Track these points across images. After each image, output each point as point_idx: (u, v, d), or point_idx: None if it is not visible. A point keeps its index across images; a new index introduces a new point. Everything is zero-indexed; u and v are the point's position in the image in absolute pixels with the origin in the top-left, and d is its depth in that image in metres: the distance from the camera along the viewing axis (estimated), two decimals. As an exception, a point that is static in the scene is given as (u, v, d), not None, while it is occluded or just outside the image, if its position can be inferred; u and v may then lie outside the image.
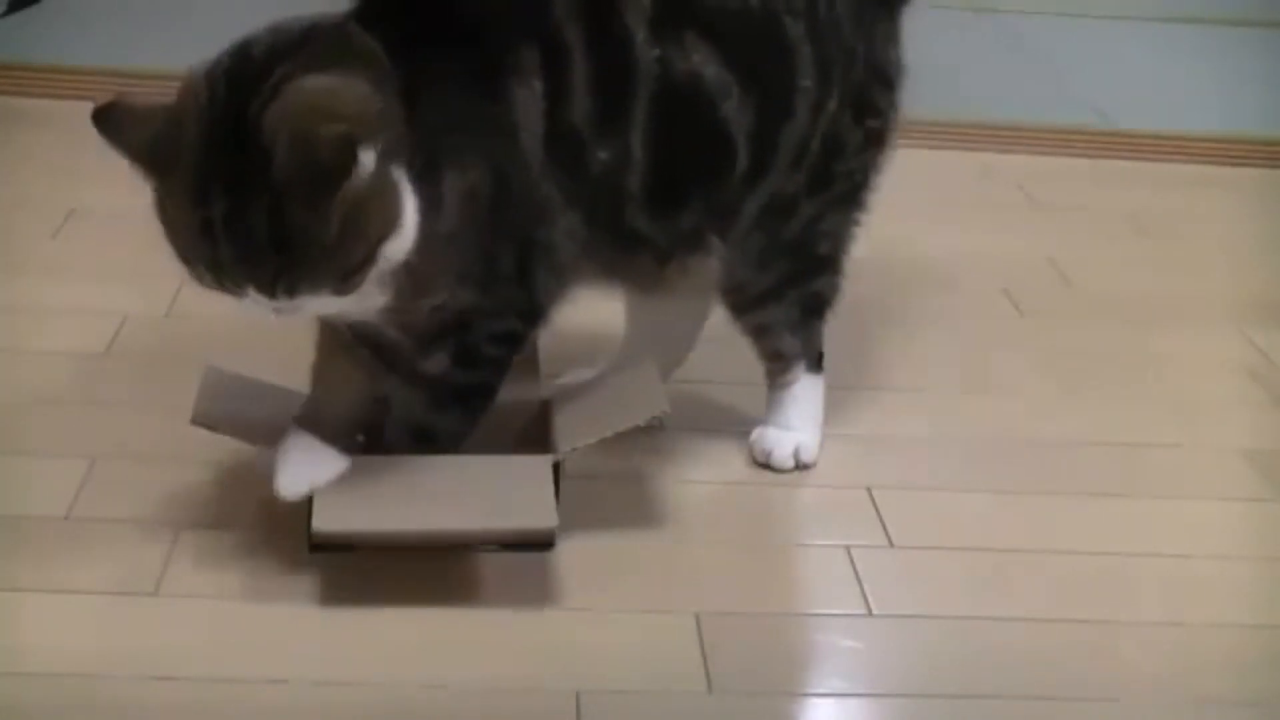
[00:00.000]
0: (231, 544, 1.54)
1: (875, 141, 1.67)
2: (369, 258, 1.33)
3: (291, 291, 1.33)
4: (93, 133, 1.39)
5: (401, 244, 1.35)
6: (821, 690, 1.46)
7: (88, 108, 1.40)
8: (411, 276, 1.39)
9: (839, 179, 1.66)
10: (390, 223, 1.33)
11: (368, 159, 1.29)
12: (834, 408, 1.78)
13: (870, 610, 1.54)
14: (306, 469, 1.48)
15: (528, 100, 1.45)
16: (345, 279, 1.34)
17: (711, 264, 1.63)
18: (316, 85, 1.33)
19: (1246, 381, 2.07)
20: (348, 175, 1.28)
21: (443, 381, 1.52)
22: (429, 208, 1.37)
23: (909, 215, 1.78)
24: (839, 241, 1.71)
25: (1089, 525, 1.71)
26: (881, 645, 1.51)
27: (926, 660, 1.49)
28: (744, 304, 1.70)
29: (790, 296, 1.70)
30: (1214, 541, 1.70)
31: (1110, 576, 1.62)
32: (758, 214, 1.61)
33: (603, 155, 1.49)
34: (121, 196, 1.41)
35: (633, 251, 1.58)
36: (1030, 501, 1.74)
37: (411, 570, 1.51)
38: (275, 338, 1.50)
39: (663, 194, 1.53)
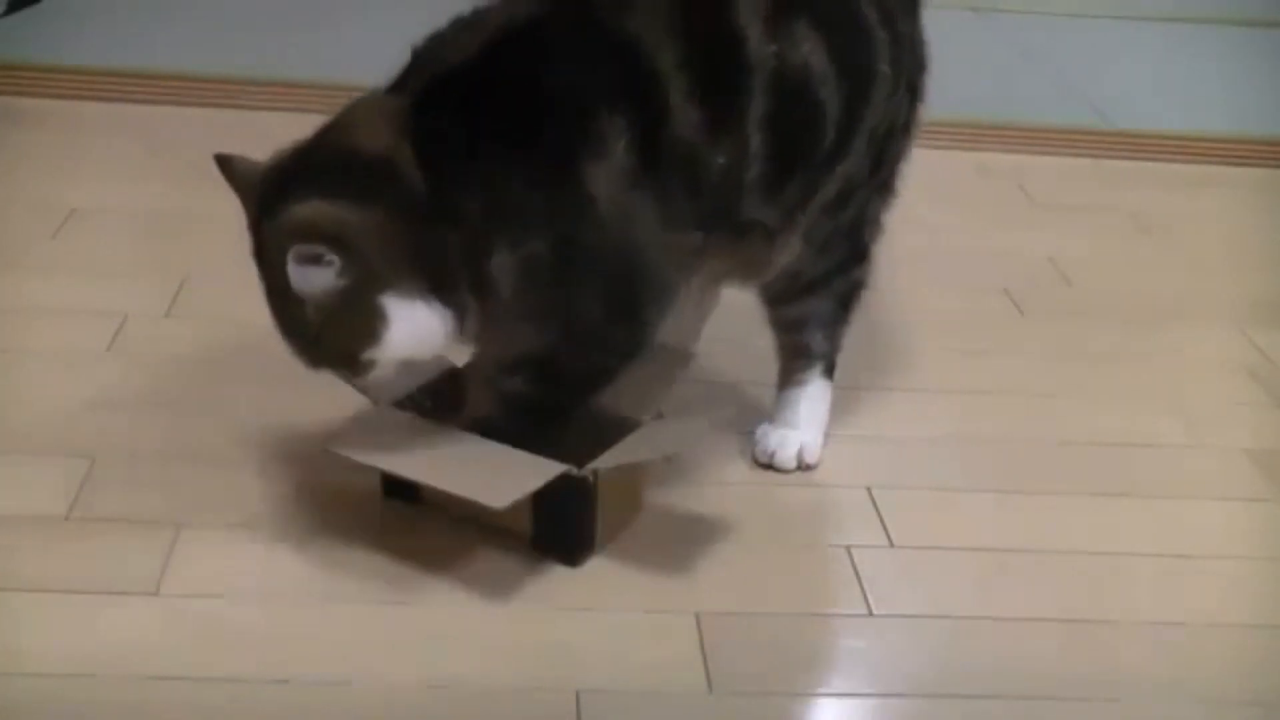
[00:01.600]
0: (231, 544, 1.54)
1: (910, 129, 1.72)
2: (355, 359, 1.45)
3: (315, 367, 1.48)
4: (93, 133, 1.38)
5: (397, 350, 1.45)
6: (821, 690, 1.46)
7: (88, 108, 1.40)
8: (484, 338, 1.52)
9: (886, 164, 1.70)
10: (366, 338, 1.43)
11: (323, 280, 1.39)
12: (835, 408, 1.78)
13: (870, 610, 1.54)
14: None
15: (601, 171, 1.45)
16: (354, 370, 1.47)
17: (796, 243, 1.65)
18: (309, 214, 1.41)
19: (1247, 381, 2.07)
20: (305, 291, 1.40)
21: (524, 400, 1.55)
22: (481, 287, 1.45)
23: (909, 215, 1.78)
24: (877, 229, 1.75)
25: (1089, 525, 1.71)
26: (881, 645, 1.51)
27: (927, 660, 1.49)
28: (791, 293, 1.72)
29: (835, 284, 1.73)
30: (1214, 541, 1.70)
31: (1110, 576, 1.62)
32: (830, 200, 1.64)
33: (720, 160, 1.51)
34: (121, 196, 1.41)
35: (745, 236, 1.60)
36: (1030, 501, 1.75)
37: (411, 570, 1.52)
38: (274, 337, 1.50)
39: (773, 177, 1.55)
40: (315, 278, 1.39)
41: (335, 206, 1.41)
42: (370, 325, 1.42)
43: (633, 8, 1.48)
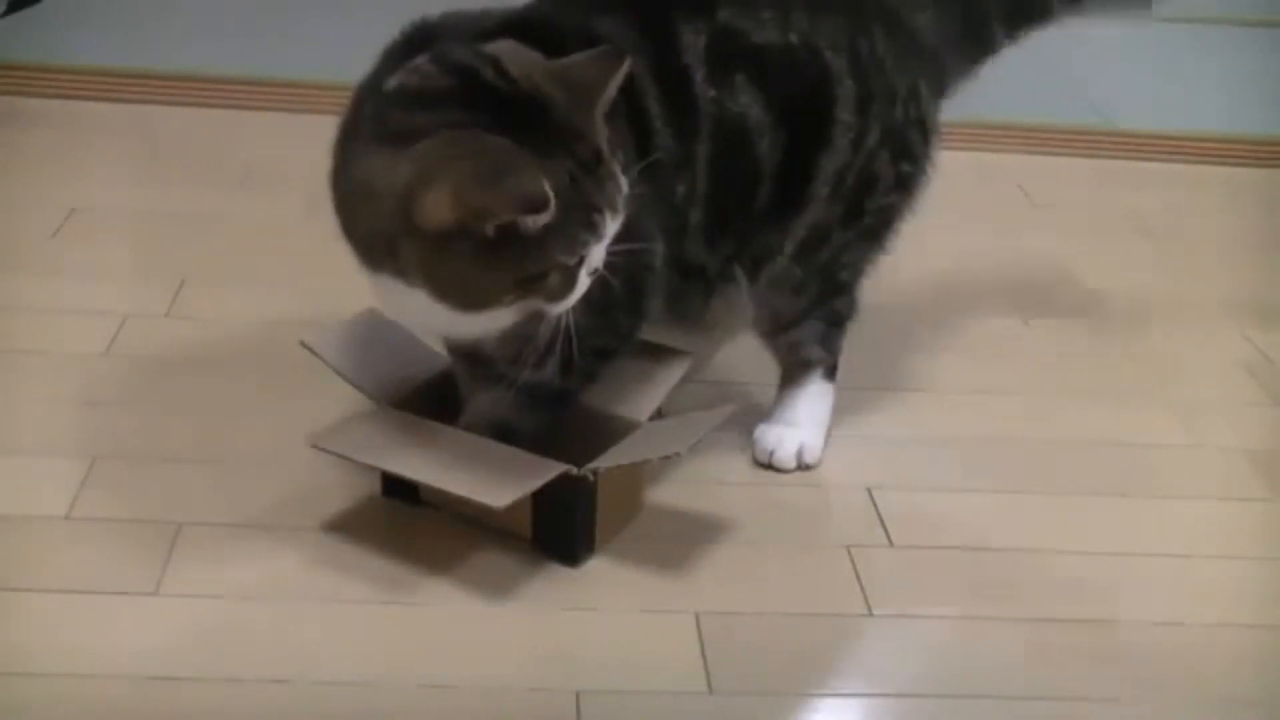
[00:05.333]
0: (231, 543, 1.54)
1: (906, 186, 1.71)
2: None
3: None
4: (93, 133, 1.39)
5: None
6: (821, 690, 1.46)
7: (88, 108, 1.40)
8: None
9: (869, 214, 1.69)
10: None
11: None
12: (835, 408, 1.78)
13: (870, 610, 1.54)
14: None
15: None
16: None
17: (741, 298, 1.67)
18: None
19: (1246, 381, 2.07)
20: None
21: (539, 387, 1.55)
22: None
23: (908, 215, 1.78)
24: (858, 273, 1.75)
25: (1089, 525, 1.71)
26: (881, 645, 1.51)
27: (927, 660, 1.49)
28: (777, 328, 1.74)
29: (817, 314, 1.74)
30: (1214, 541, 1.70)
31: (1110, 577, 1.62)
32: (797, 248, 1.66)
33: (680, 188, 1.55)
34: (121, 196, 1.41)
35: (688, 281, 1.63)
36: (1030, 501, 1.75)
37: (411, 571, 1.51)
38: (274, 338, 1.50)
39: (711, 225, 1.59)
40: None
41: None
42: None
43: (605, 20, 1.50)
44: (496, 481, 1.46)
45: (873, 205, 1.68)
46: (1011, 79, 3.22)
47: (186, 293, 2.03)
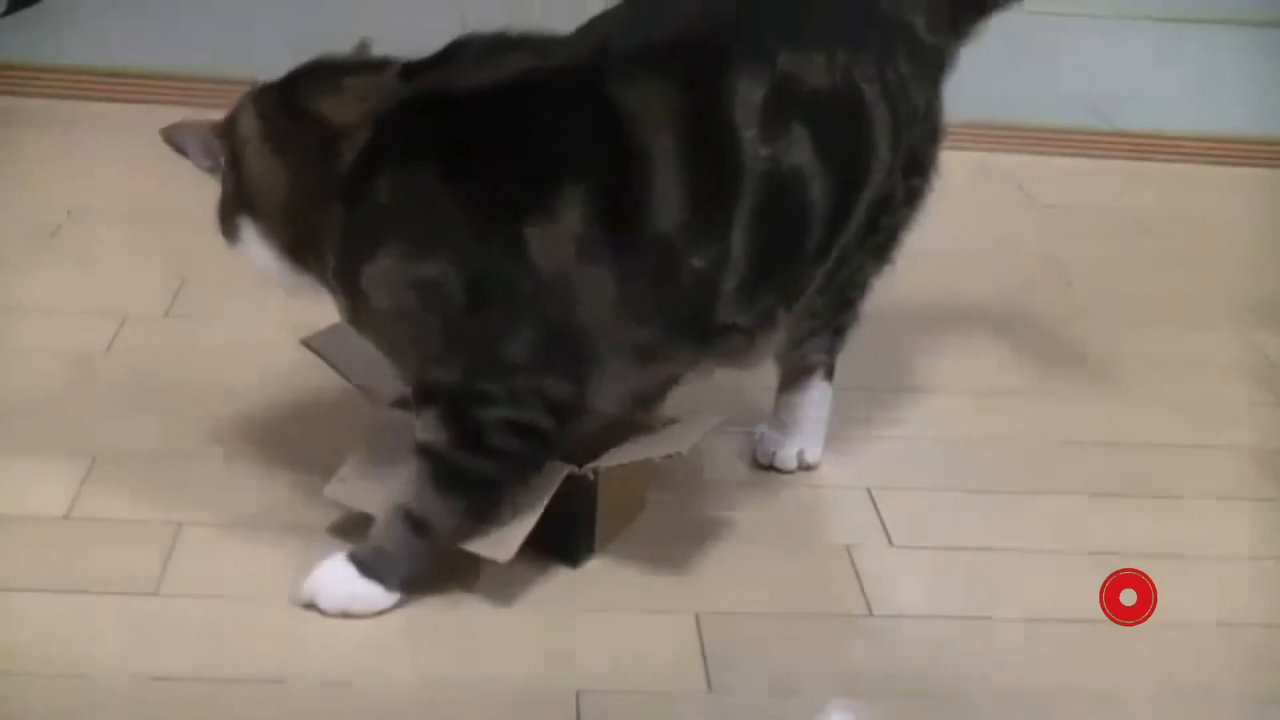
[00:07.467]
0: (231, 543, 1.54)
1: (914, 199, 1.67)
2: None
3: None
4: (93, 133, 1.39)
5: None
6: (821, 690, 1.46)
7: (88, 108, 1.41)
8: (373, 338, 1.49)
9: (882, 231, 1.65)
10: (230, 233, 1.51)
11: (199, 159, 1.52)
12: (835, 408, 1.78)
13: (870, 610, 1.54)
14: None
15: (544, 232, 1.40)
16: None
17: (780, 336, 1.61)
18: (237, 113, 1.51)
19: (1248, 381, 2.07)
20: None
21: (443, 459, 1.45)
22: (348, 285, 1.44)
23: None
24: (865, 290, 1.72)
25: (1090, 525, 1.71)
26: (881, 645, 1.51)
27: (927, 660, 1.49)
28: (789, 346, 1.70)
29: (824, 330, 1.72)
30: (1216, 541, 1.70)
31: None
32: (824, 277, 1.60)
33: (698, 263, 1.44)
34: (121, 197, 1.41)
35: (720, 339, 1.53)
36: (1031, 501, 1.75)
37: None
38: (274, 338, 1.50)
39: (752, 283, 1.49)
40: (194, 154, 1.51)
41: (254, 120, 1.47)
42: (234, 222, 1.49)
43: (638, 84, 1.42)
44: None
45: (887, 222, 1.65)
46: (1012, 79, 3.23)
47: (186, 293, 2.03)
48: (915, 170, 1.66)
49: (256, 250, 1.48)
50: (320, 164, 1.43)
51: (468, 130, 1.42)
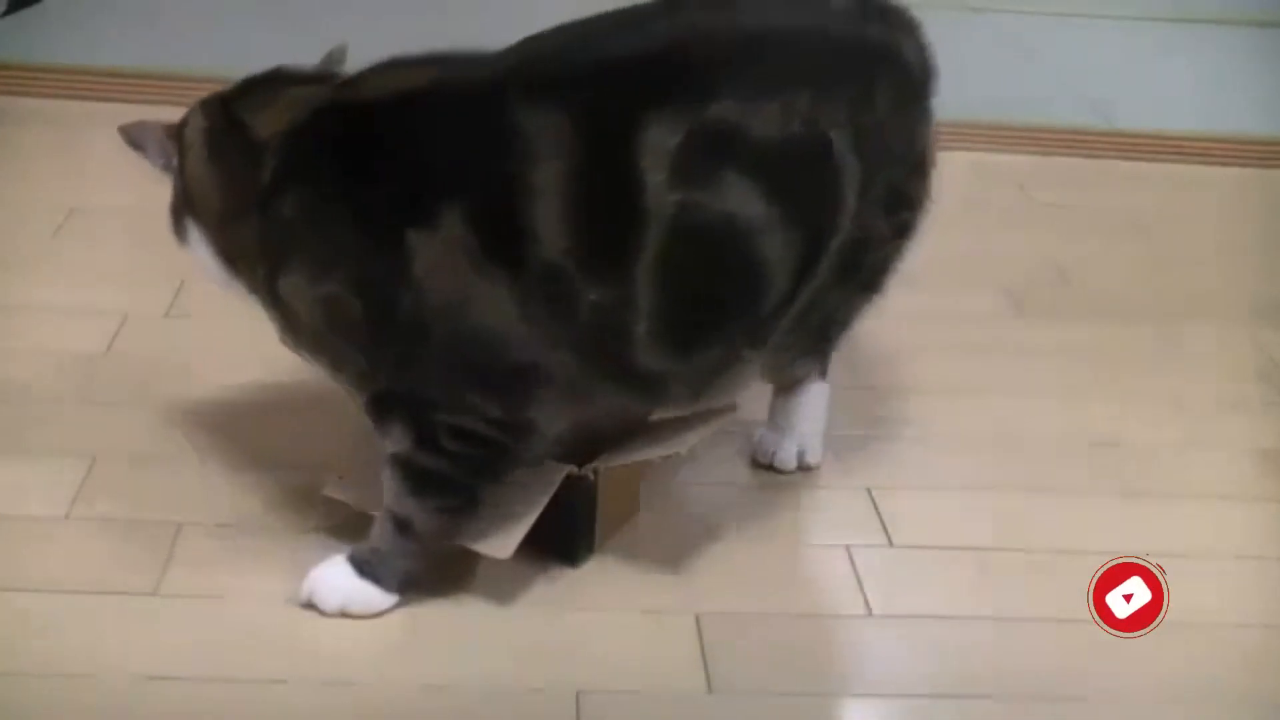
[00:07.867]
0: (231, 544, 1.54)
1: (904, 232, 1.64)
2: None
3: None
4: (93, 133, 1.39)
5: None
6: (821, 690, 1.46)
7: (88, 108, 1.41)
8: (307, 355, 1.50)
9: (865, 269, 1.62)
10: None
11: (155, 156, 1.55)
12: (835, 408, 1.78)
13: (870, 610, 1.54)
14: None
15: (431, 252, 1.39)
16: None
17: (749, 371, 1.60)
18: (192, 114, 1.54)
19: (1249, 380, 2.07)
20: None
21: (410, 462, 1.45)
22: (272, 299, 1.46)
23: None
24: (849, 325, 1.70)
25: (1090, 525, 1.71)
26: (882, 645, 1.51)
27: (926, 660, 1.49)
28: (769, 372, 1.70)
29: (809, 354, 1.71)
30: (1218, 541, 1.70)
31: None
32: (793, 320, 1.56)
33: (593, 297, 1.40)
34: (121, 196, 1.41)
35: (656, 387, 1.50)
36: (1031, 501, 1.74)
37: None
38: (274, 338, 1.50)
39: (683, 335, 1.45)
40: (150, 153, 1.53)
41: (199, 127, 1.50)
42: (183, 223, 1.53)
43: (539, 108, 1.39)
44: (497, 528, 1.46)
45: (870, 260, 1.61)
46: (1012, 79, 3.23)
47: (186, 293, 2.03)
48: (901, 205, 1.61)
49: (201, 252, 1.50)
50: (246, 175, 1.44)
51: (361, 142, 1.42)
